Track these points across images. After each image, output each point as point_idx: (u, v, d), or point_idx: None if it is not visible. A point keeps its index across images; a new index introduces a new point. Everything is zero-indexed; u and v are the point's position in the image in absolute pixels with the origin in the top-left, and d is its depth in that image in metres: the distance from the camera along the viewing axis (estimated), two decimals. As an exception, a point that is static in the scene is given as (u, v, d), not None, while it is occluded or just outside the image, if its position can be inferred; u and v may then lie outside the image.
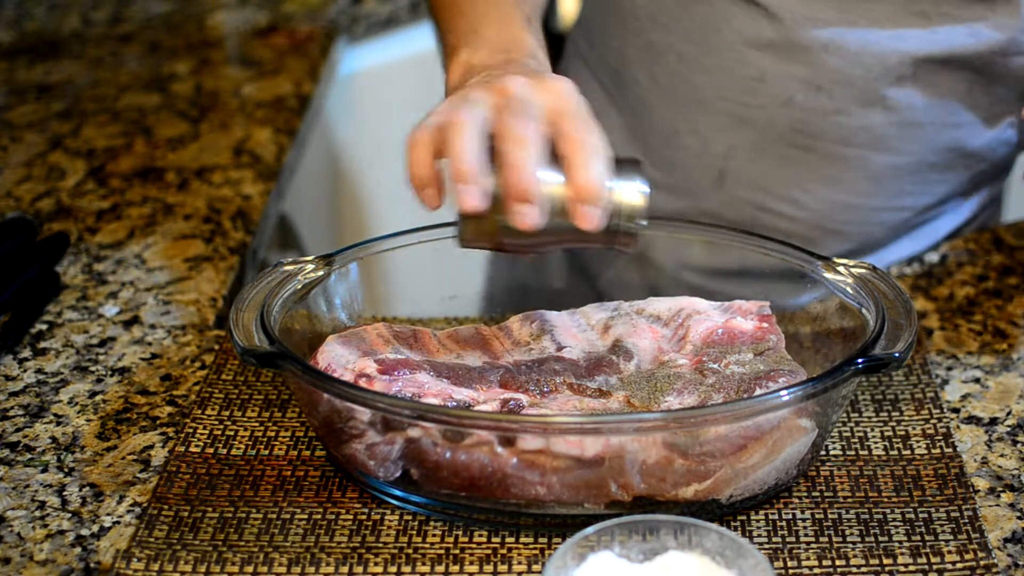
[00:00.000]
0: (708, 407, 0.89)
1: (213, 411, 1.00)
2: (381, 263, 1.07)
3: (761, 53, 1.21)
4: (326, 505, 0.91)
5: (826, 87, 1.20)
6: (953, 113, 1.21)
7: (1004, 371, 1.05)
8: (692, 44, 1.24)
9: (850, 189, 1.24)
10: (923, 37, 1.16)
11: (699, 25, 1.23)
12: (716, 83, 1.24)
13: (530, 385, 0.94)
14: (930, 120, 1.21)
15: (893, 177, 1.24)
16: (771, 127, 1.23)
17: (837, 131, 1.22)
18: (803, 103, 1.21)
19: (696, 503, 0.87)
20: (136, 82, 1.64)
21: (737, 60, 1.22)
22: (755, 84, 1.22)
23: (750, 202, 1.26)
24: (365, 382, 0.91)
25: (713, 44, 1.23)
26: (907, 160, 1.23)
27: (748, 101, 1.23)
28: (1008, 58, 1.18)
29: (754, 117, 1.23)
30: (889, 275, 0.99)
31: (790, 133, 1.23)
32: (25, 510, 0.91)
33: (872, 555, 0.86)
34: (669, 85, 1.26)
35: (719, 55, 1.23)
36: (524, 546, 0.87)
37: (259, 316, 0.94)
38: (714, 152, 1.26)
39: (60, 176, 1.39)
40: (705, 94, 1.24)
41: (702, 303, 1.02)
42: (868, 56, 1.18)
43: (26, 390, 1.04)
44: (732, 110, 1.24)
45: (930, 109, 1.20)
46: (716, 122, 1.25)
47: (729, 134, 1.25)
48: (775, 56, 1.20)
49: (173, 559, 0.85)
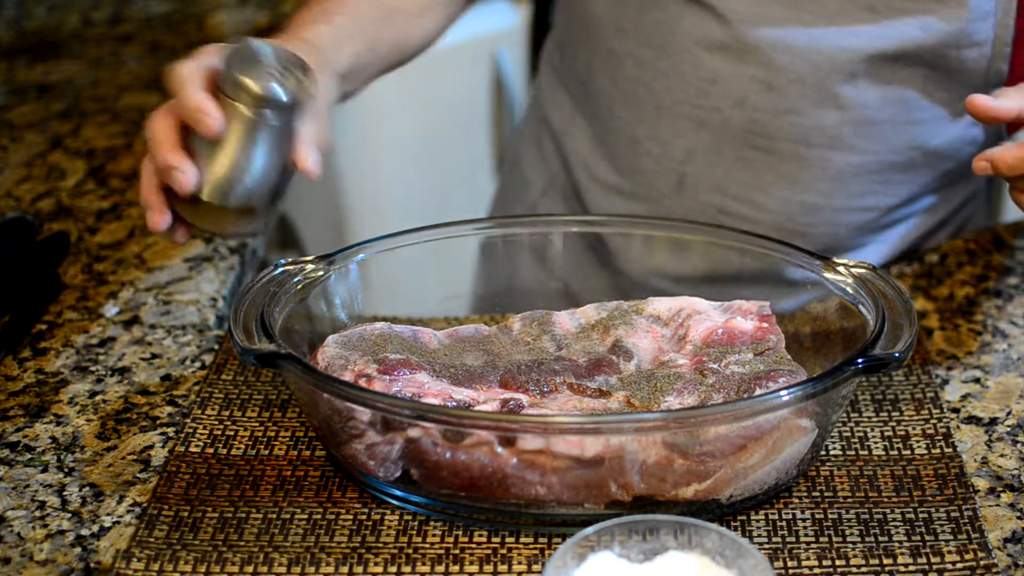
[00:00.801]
0: (708, 407, 0.89)
1: (213, 411, 1.00)
2: (381, 263, 1.07)
3: (712, 54, 1.21)
4: (326, 505, 0.91)
5: (778, 86, 1.20)
6: (910, 111, 1.21)
7: (1004, 371, 1.05)
8: (649, 49, 1.24)
9: (810, 189, 1.24)
10: (873, 32, 1.16)
11: (654, 29, 1.23)
12: (672, 87, 1.24)
13: (530, 385, 0.94)
14: (886, 118, 1.21)
15: (853, 177, 1.24)
16: (727, 129, 1.23)
17: (792, 131, 1.22)
18: (756, 103, 1.21)
19: (696, 503, 0.87)
20: (136, 82, 1.64)
21: (691, 63, 1.22)
22: (708, 86, 1.22)
23: (711, 205, 1.26)
24: (365, 382, 0.91)
25: (667, 48, 1.23)
26: (866, 159, 1.23)
27: (703, 103, 1.23)
28: (961, 51, 1.17)
29: (710, 120, 1.24)
30: (889, 275, 0.99)
31: (746, 134, 1.23)
32: (25, 510, 0.91)
33: (872, 555, 0.86)
34: (629, 91, 1.27)
35: (674, 58, 1.23)
36: (524, 546, 0.87)
37: (259, 316, 0.94)
38: (673, 157, 1.26)
39: (60, 176, 1.39)
40: (663, 99, 1.25)
41: (702, 303, 1.02)
42: (817, 54, 1.18)
43: (26, 390, 1.04)
44: (689, 113, 1.24)
45: (885, 107, 1.20)
46: (674, 126, 1.25)
47: (687, 138, 1.25)
48: (726, 57, 1.21)
49: (173, 559, 0.85)
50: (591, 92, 1.31)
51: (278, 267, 1.00)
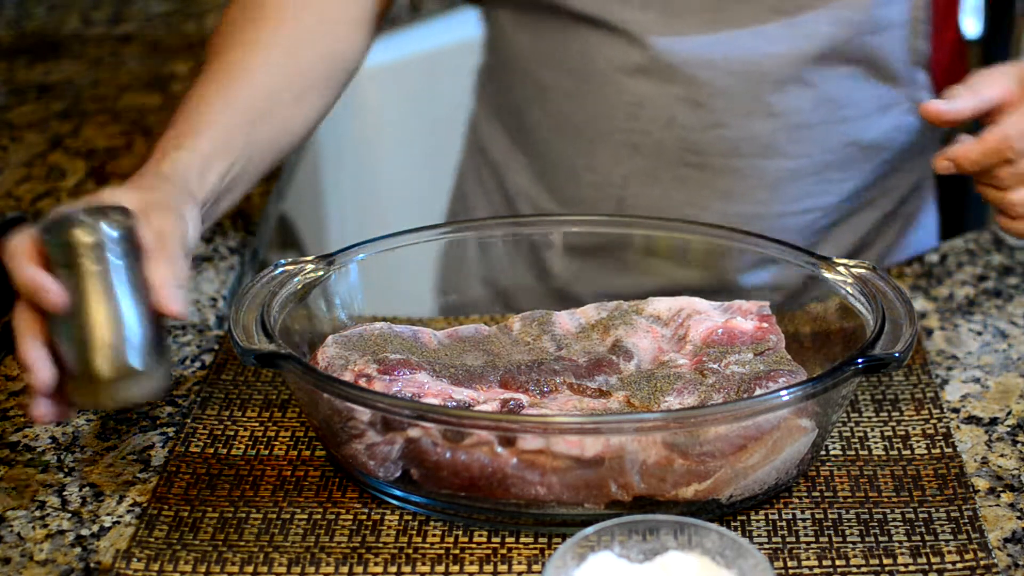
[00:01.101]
0: (708, 407, 0.89)
1: (213, 411, 1.00)
2: (381, 263, 1.07)
3: (635, 79, 1.21)
4: (326, 505, 0.91)
5: (704, 102, 1.20)
6: (841, 108, 1.21)
7: (1004, 371, 1.05)
8: (573, 80, 1.24)
9: (747, 200, 1.24)
10: (788, 35, 1.16)
11: (576, 60, 1.23)
12: (601, 115, 1.24)
13: (530, 385, 0.94)
14: (818, 120, 1.21)
15: (790, 182, 1.24)
16: (660, 150, 1.23)
17: (723, 144, 1.21)
18: (684, 122, 1.21)
19: (696, 503, 0.87)
20: (136, 82, 1.64)
21: (615, 89, 1.22)
22: (636, 110, 1.22)
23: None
24: (365, 382, 0.91)
25: (591, 77, 1.23)
26: (802, 163, 1.23)
27: (633, 127, 1.23)
28: (876, 36, 1.18)
29: (642, 143, 1.23)
30: (889, 275, 0.99)
31: (679, 153, 1.23)
32: (25, 510, 0.91)
33: (872, 555, 0.86)
34: (561, 123, 1.27)
35: (599, 86, 1.23)
36: (524, 546, 0.87)
37: (259, 316, 0.94)
38: (612, 183, 1.26)
39: (60, 176, 1.39)
40: (594, 127, 1.25)
41: (702, 303, 1.02)
42: (739, 64, 1.18)
43: (26, 390, 1.04)
44: (621, 139, 1.24)
45: (816, 109, 1.20)
46: (609, 153, 1.25)
47: (623, 164, 1.25)
48: (649, 79, 1.20)
49: (173, 559, 0.85)
50: (525, 126, 1.31)
51: (278, 267, 1.00)
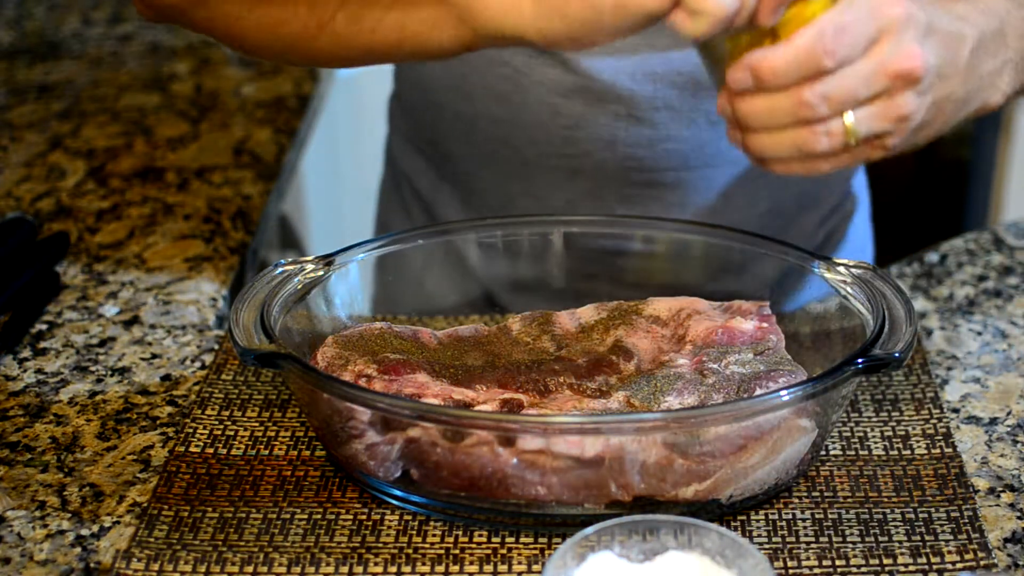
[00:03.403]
0: (708, 407, 0.89)
1: (213, 411, 1.00)
2: (381, 263, 1.07)
3: (569, 100, 1.17)
4: (326, 505, 0.91)
5: (646, 117, 1.16)
6: None
7: (1004, 371, 1.05)
8: (500, 106, 1.19)
9: (702, 209, 1.21)
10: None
11: (502, 86, 1.19)
12: (535, 140, 1.19)
13: (530, 385, 0.94)
14: None
15: (740, 186, 1.21)
16: (602, 171, 1.19)
17: (670, 158, 1.18)
18: (627, 139, 1.17)
19: (696, 503, 0.87)
20: (136, 82, 1.64)
21: (549, 112, 1.18)
22: (573, 132, 1.18)
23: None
24: (365, 382, 0.92)
25: (521, 101, 1.18)
26: (751, 168, 1.20)
27: (572, 151, 1.19)
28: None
29: (582, 166, 1.20)
30: (889, 275, 0.99)
31: (623, 172, 1.19)
32: (25, 510, 0.91)
33: (872, 555, 0.86)
34: (489, 152, 1.22)
35: (530, 111, 1.18)
36: (524, 546, 0.87)
37: (259, 316, 0.94)
38: (552, 208, 1.22)
39: (60, 176, 1.39)
40: (528, 153, 1.20)
41: (702, 303, 1.02)
42: (676, 75, 1.15)
43: (26, 390, 1.04)
44: (559, 164, 1.20)
45: None
46: (547, 179, 1.21)
47: (563, 189, 1.21)
48: (585, 100, 1.16)
49: (173, 559, 0.85)
50: (447, 155, 1.27)
51: (278, 267, 1.00)
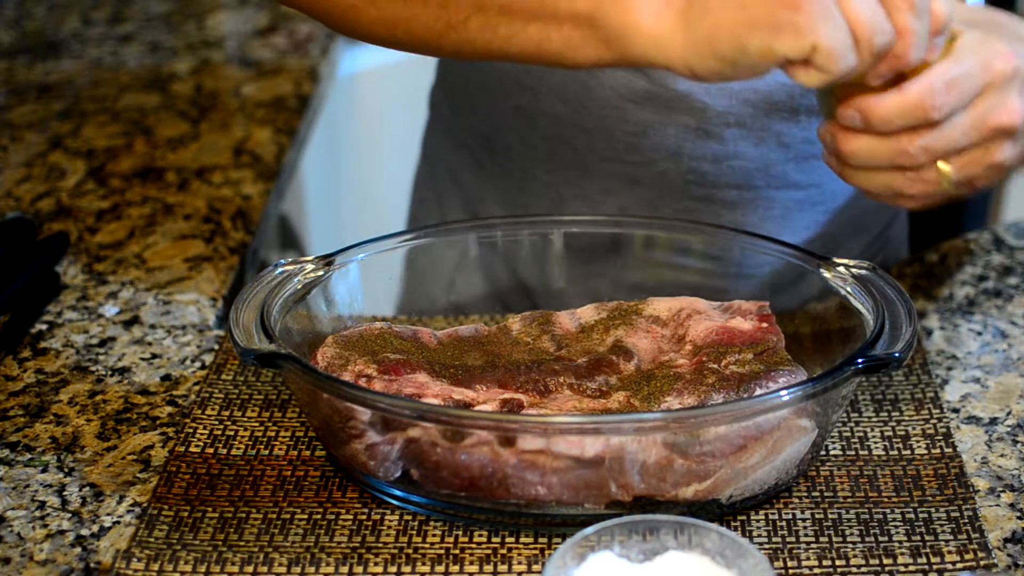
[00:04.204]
0: (708, 407, 0.89)
1: (213, 411, 1.00)
2: (381, 263, 1.07)
3: (640, 107, 1.15)
4: (326, 505, 0.91)
5: (715, 132, 1.15)
6: None
7: (1004, 371, 1.05)
8: (566, 105, 1.17)
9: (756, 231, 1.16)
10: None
11: (569, 85, 1.16)
12: (597, 144, 1.17)
13: (530, 385, 0.94)
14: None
15: (799, 212, 1.20)
16: (663, 182, 1.18)
17: (734, 176, 1.17)
18: (693, 152, 1.15)
19: (696, 503, 0.87)
20: (136, 82, 1.64)
21: (616, 117, 1.16)
22: (638, 140, 1.16)
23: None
24: (365, 382, 0.92)
25: (588, 103, 1.16)
26: (811, 193, 1.19)
27: (634, 159, 1.17)
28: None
29: (643, 175, 1.18)
30: (889, 275, 0.99)
31: (684, 185, 1.18)
32: (25, 510, 0.91)
33: (872, 555, 0.86)
34: (547, 151, 1.20)
35: (596, 114, 1.16)
36: (524, 546, 0.87)
37: (259, 316, 0.94)
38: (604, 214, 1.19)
39: (60, 176, 1.39)
40: (587, 156, 1.18)
41: (702, 303, 1.02)
42: (753, 93, 1.13)
43: (26, 390, 1.04)
44: (618, 170, 1.18)
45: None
46: (603, 184, 1.19)
47: (619, 196, 1.19)
48: (655, 108, 1.14)
49: (173, 559, 0.85)
50: (497, 149, 1.25)
51: (278, 267, 1.00)
